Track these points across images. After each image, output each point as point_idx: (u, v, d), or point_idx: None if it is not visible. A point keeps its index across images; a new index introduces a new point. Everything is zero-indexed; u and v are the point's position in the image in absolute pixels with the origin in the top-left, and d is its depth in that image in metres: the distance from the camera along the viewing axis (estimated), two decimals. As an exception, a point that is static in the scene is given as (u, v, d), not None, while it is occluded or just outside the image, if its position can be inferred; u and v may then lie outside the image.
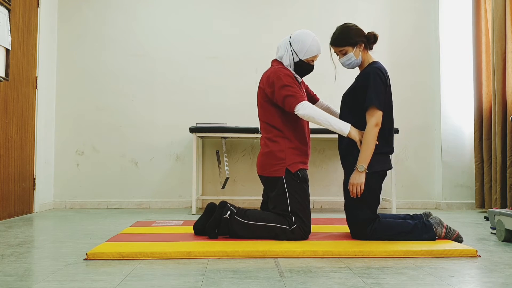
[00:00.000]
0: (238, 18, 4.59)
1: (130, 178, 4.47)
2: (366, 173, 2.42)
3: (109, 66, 4.52)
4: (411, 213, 2.68)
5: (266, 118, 2.60)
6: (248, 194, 4.43)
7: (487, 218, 3.20)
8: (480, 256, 2.17)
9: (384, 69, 2.52)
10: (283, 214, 2.49)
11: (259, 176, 2.63)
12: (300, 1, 4.62)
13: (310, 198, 2.83)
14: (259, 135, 3.89)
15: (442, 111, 4.48)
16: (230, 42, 4.55)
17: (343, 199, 2.65)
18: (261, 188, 4.42)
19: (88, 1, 4.55)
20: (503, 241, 2.55)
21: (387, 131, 2.50)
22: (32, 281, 1.72)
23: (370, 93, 2.42)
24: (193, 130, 4.01)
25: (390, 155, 2.56)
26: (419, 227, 2.43)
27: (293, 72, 2.61)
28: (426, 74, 4.62)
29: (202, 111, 4.47)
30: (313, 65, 2.67)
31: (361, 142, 2.44)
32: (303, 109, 2.45)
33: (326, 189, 4.50)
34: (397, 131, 4.07)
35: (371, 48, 2.59)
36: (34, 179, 4.00)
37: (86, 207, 4.41)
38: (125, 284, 1.67)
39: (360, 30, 2.55)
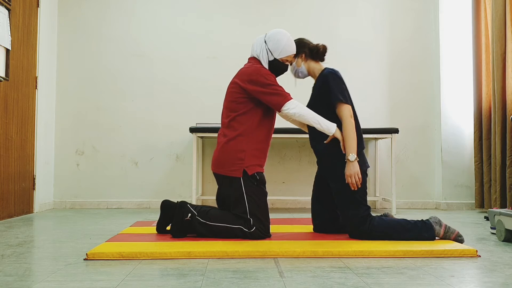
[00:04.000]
0: (238, 18, 4.58)
1: (130, 178, 4.47)
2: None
3: (109, 66, 4.52)
4: (409, 217, 2.68)
5: (232, 114, 2.55)
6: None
7: (487, 218, 3.20)
8: (480, 256, 2.17)
9: (338, 71, 2.63)
10: (242, 216, 2.49)
11: (214, 173, 2.60)
12: (300, 2, 4.62)
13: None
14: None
15: (442, 111, 4.48)
16: (230, 42, 4.55)
17: None
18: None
19: (88, 1, 4.55)
20: (503, 241, 2.55)
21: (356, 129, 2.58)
22: (32, 281, 1.72)
23: (333, 91, 2.53)
24: (193, 130, 4.01)
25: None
26: (419, 226, 2.44)
27: None
28: (426, 74, 4.62)
29: (202, 111, 4.47)
30: (288, 65, 2.67)
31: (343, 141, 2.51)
32: (294, 107, 2.49)
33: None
34: (397, 131, 4.07)
35: (321, 59, 2.72)
36: (34, 179, 4.00)
37: (86, 207, 4.41)
38: (125, 284, 1.67)
39: (305, 43, 2.70)
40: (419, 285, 1.68)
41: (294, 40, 2.70)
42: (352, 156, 2.45)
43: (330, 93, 2.54)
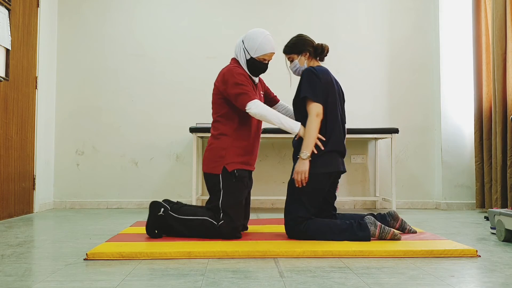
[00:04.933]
0: (238, 18, 4.58)
1: (130, 178, 4.47)
2: (310, 172, 2.45)
3: (109, 66, 4.52)
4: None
5: (216, 115, 2.64)
6: (248, 194, 4.42)
7: (487, 218, 3.20)
8: (480, 256, 2.17)
9: (320, 68, 2.58)
10: (214, 208, 2.54)
11: (203, 173, 2.66)
12: (300, 2, 4.61)
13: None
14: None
15: (442, 111, 4.48)
16: (230, 42, 4.53)
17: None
18: (260, 187, 4.43)
19: (88, 1, 4.55)
20: (503, 241, 2.55)
21: (327, 129, 2.52)
22: (32, 281, 1.72)
23: (303, 86, 2.52)
24: (193, 130, 4.01)
25: (340, 157, 2.58)
26: (354, 226, 2.44)
27: (247, 72, 2.62)
28: (426, 74, 4.62)
29: (202, 111, 4.46)
30: (267, 64, 2.65)
31: None
32: (255, 107, 2.49)
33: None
34: (397, 131, 4.07)
35: (321, 59, 2.70)
36: (34, 179, 4.00)
37: (86, 207, 4.41)
38: (125, 284, 1.67)
39: (308, 41, 2.67)
40: (419, 285, 1.67)
41: (296, 37, 2.68)
42: (304, 154, 2.44)
43: (300, 89, 2.54)
